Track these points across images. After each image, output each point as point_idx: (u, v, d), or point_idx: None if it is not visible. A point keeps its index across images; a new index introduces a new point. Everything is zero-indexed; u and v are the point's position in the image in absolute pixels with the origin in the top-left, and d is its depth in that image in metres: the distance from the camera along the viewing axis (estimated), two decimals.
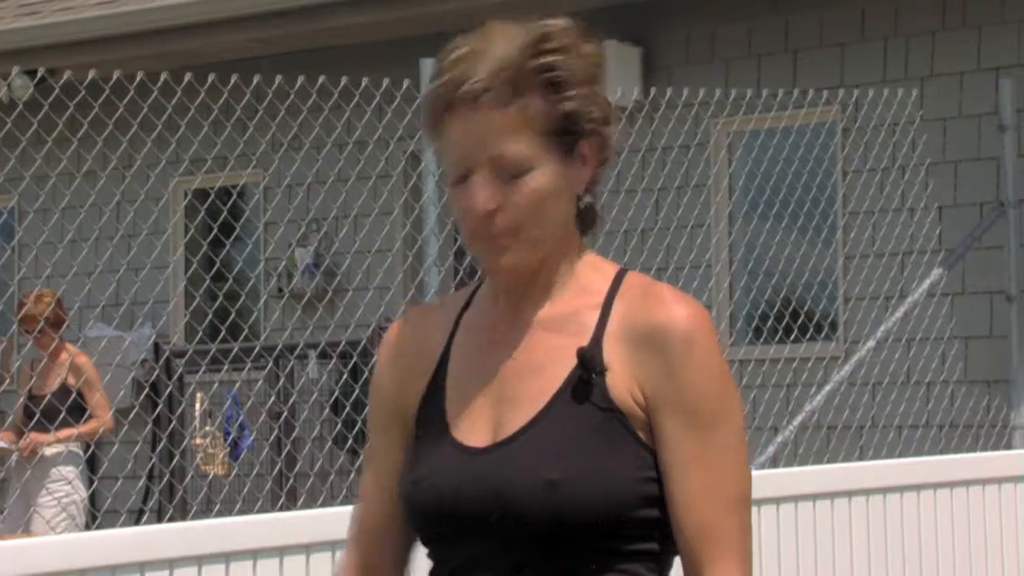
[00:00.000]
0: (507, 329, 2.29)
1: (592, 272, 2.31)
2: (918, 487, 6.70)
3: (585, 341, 2.24)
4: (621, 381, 2.24)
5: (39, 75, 9.96)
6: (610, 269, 2.32)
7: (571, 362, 2.23)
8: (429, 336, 2.34)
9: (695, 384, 2.23)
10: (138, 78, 6.68)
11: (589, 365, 2.23)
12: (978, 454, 7.80)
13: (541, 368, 2.25)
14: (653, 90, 8.59)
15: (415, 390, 2.31)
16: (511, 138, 2.25)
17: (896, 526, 6.57)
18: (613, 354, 2.24)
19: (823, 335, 9.09)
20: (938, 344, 8.54)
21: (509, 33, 2.33)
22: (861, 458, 8.32)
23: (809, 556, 6.18)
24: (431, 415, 2.28)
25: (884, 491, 6.56)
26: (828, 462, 8.15)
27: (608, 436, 2.21)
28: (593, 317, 2.26)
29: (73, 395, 7.94)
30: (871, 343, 7.93)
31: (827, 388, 7.67)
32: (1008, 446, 8.10)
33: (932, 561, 6.71)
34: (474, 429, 2.24)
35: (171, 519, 7.30)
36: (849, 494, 6.38)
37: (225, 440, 9.27)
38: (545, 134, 2.25)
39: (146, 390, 8.06)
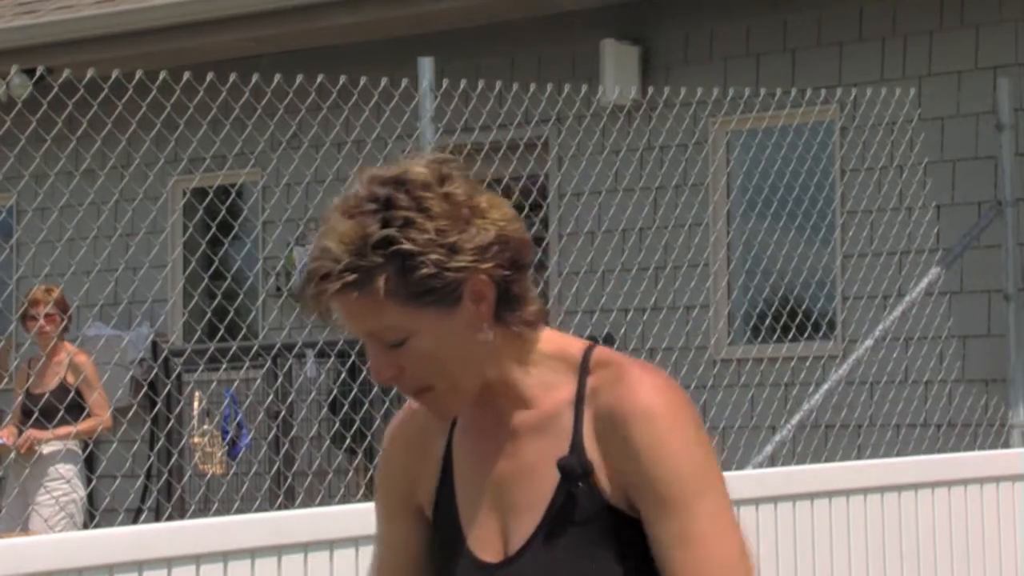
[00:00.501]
0: (497, 435, 2.29)
1: (556, 364, 2.27)
2: (916, 486, 6.71)
3: (566, 444, 2.22)
4: (606, 476, 2.22)
5: (37, 74, 9.98)
6: (575, 352, 2.27)
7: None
8: (432, 437, 2.35)
9: (658, 465, 2.19)
10: (136, 77, 6.68)
11: (571, 476, 2.21)
12: (976, 453, 7.80)
13: (534, 472, 2.24)
14: (651, 89, 8.59)
15: (426, 490, 2.33)
16: (377, 316, 2.21)
17: (894, 525, 6.57)
18: (593, 450, 2.22)
19: (821, 334, 9.10)
20: (936, 343, 8.54)
21: (349, 212, 2.21)
22: (859, 457, 8.32)
23: (807, 555, 6.18)
24: (446, 522, 2.30)
25: (882, 490, 6.56)
26: (826, 461, 8.15)
27: (596, 548, 2.20)
28: (569, 416, 2.24)
29: (71, 394, 7.95)
30: (869, 342, 7.93)
31: (825, 387, 7.67)
32: (1006, 445, 8.10)
33: (930, 560, 6.71)
34: (486, 541, 2.25)
35: (169, 518, 7.30)
36: (847, 493, 6.38)
37: (223, 439, 9.27)
38: (410, 300, 2.20)
39: (144, 389, 8.06)
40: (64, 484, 8.50)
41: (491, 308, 2.21)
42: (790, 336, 8.58)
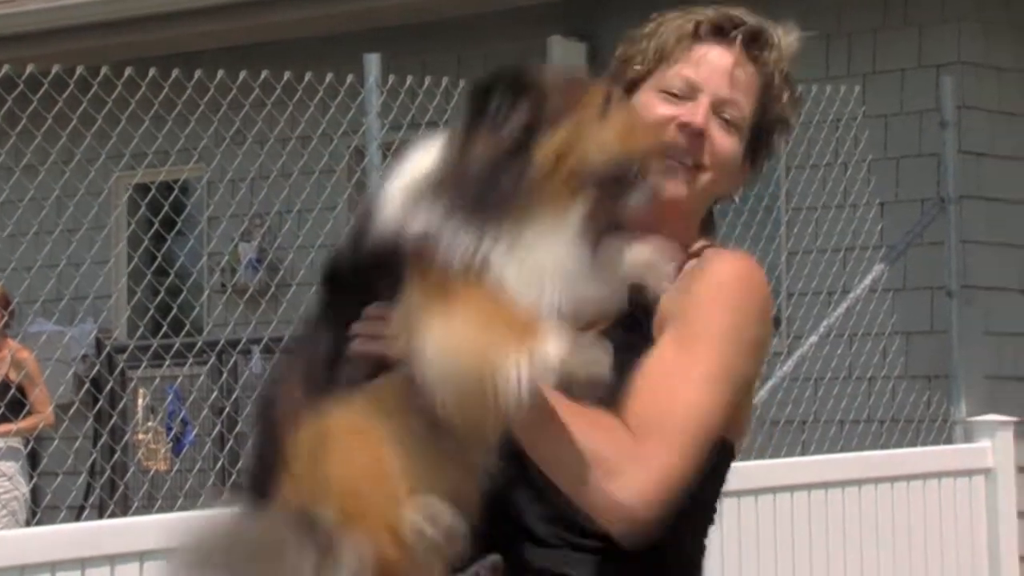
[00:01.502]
0: None
1: (695, 242, 2.44)
2: (860, 482, 6.74)
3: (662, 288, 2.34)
4: (662, 313, 2.35)
5: None
6: (706, 244, 2.45)
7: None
8: None
9: (700, 298, 2.32)
10: (78, 72, 6.63)
11: (636, 306, 2.31)
12: (920, 449, 7.85)
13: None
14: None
15: None
16: (747, 96, 2.42)
17: (838, 521, 6.60)
18: (666, 299, 2.35)
19: None
20: (880, 339, 8.58)
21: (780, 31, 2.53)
22: (804, 453, 8.36)
23: (751, 551, 6.20)
24: None
25: (827, 486, 6.59)
26: (771, 457, 8.18)
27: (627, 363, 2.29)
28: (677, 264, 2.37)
29: (12, 390, 7.88)
30: (814, 338, 7.96)
31: (770, 383, 7.69)
32: (948, 440, 8.15)
33: (873, 555, 6.74)
34: None
35: (112, 515, 7.25)
36: (791, 489, 6.40)
37: (167, 435, 9.22)
38: (754, 123, 2.43)
39: (87, 385, 8.00)
40: (6, 481, 8.44)
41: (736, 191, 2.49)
42: None
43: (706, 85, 2.41)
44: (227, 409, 7.82)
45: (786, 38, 2.51)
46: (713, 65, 2.42)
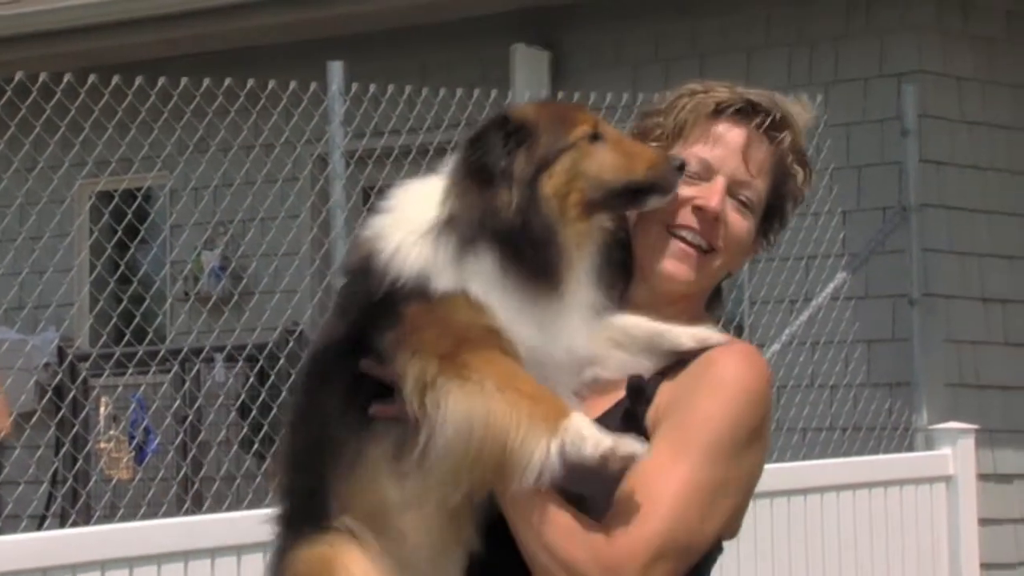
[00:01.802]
0: None
1: (701, 322, 2.40)
2: (823, 489, 6.77)
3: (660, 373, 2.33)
4: (657, 408, 2.32)
5: None
6: (720, 337, 2.40)
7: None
8: None
9: (695, 407, 2.28)
10: (41, 79, 6.61)
11: (632, 395, 2.31)
12: (882, 456, 7.88)
13: (620, 384, 2.34)
14: (561, 94, 8.61)
15: None
16: (761, 177, 2.41)
17: (800, 528, 6.62)
18: (666, 390, 2.32)
19: None
20: (842, 347, 8.62)
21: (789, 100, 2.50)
22: (766, 461, 8.37)
23: None
24: None
25: (789, 493, 6.61)
26: None
27: None
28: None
29: None
30: (776, 346, 7.99)
31: None
32: (910, 448, 8.19)
33: (835, 563, 6.77)
34: None
35: (74, 524, 7.22)
36: (754, 497, 6.41)
37: (130, 444, 9.19)
38: (768, 202, 2.43)
39: (49, 394, 7.97)
40: None
41: (738, 263, 2.48)
42: None
43: (722, 166, 2.39)
44: (190, 418, 7.80)
45: (803, 115, 2.48)
46: (730, 146, 2.40)
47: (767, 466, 2.49)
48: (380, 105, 7.77)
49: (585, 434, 2.15)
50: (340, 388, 2.30)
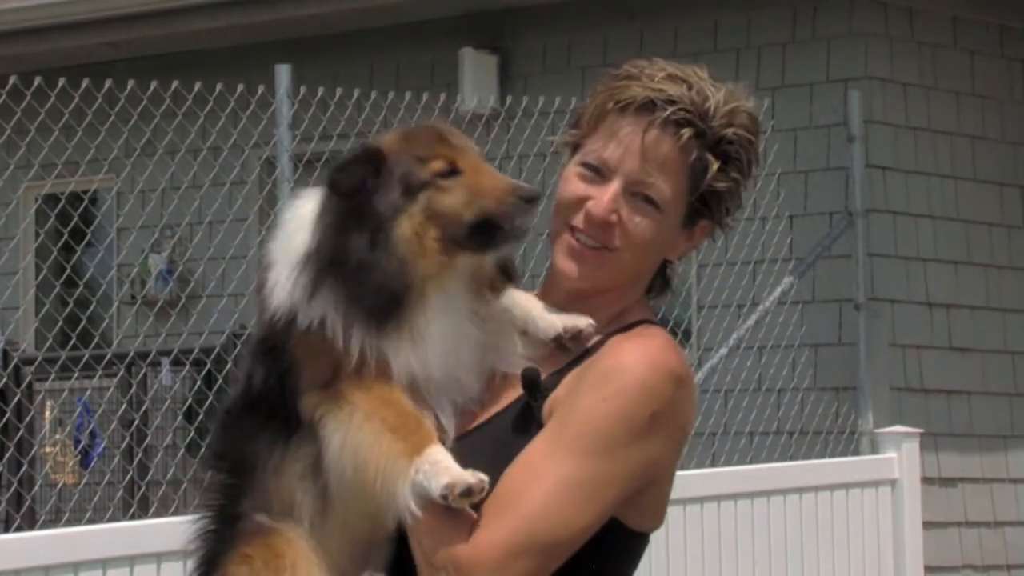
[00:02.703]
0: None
1: (627, 316, 2.38)
2: (769, 493, 6.79)
3: (560, 364, 2.32)
4: (554, 399, 2.31)
5: None
6: (639, 316, 2.38)
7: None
8: None
9: (581, 399, 2.27)
10: None
11: (528, 387, 2.31)
12: (827, 460, 7.92)
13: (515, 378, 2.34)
14: (509, 98, 8.62)
15: None
16: (665, 176, 2.34)
17: (747, 531, 6.65)
18: (568, 380, 2.32)
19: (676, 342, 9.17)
20: (789, 351, 8.66)
21: (719, 87, 2.38)
22: (713, 464, 8.41)
23: (661, 561, 6.23)
24: None
25: (736, 497, 6.64)
26: (681, 469, 8.22)
27: (512, 449, 2.29)
28: (587, 345, 2.34)
29: None
30: (724, 350, 8.02)
31: None
32: (856, 452, 8.24)
33: (782, 566, 6.80)
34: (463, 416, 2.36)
35: (19, 529, 7.18)
36: (702, 500, 6.44)
37: (75, 448, 9.14)
38: (688, 195, 2.35)
39: None
40: None
41: (686, 250, 2.41)
42: None
43: (620, 167, 2.35)
44: (136, 422, 7.76)
45: (734, 103, 2.39)
46: (629, 147, 2.34)
47: (716, 470, 2.49)
48: (328, 108, 7.76)
49: (434, 471, 2.22)
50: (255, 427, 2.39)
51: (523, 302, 2.37)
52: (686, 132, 2.33)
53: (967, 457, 8.88)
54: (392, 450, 2.23)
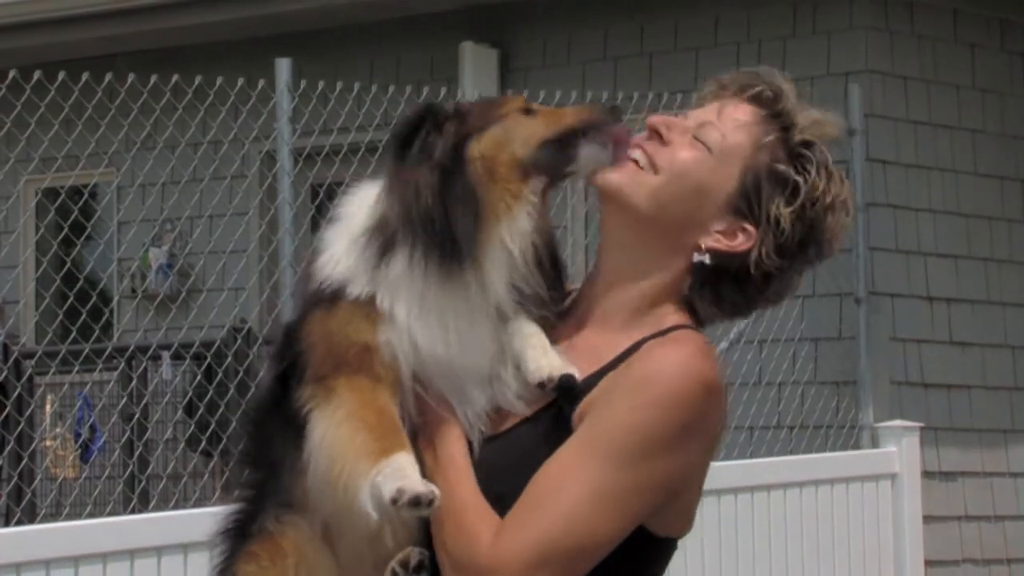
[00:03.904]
0: (575, 322, 2.36)
1: (663, 318, 2.34)
2: (769, 487, 6.80)
3: (595, 368, 2.29)
4: (586, 403, 2.28)
5: None
6: (673, 320, 2.34)
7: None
8: None
9: (614, 406, 2.24)
10: None
11: (563, 393, 2.28)
12: (827, 454, 7.92)
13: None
14: (510, 92, 8.62)
15: None
16: (735, 130, 2.35)
17: (747, 525, 6.65)
18: (605, 381, 2.28)
19: None
20: (789, 345, 8.66)
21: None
22: (714, 459, 8.41)
23: None
24: None
25: (736, 491, 6.64)
26: None
27: (542, 454, 2.26)
28: (615, 353, 2.30)
29: None
30: (724, 344, 8.01)
31: None
32: (856, 446, 8.24)
33: (782, 558, 6.80)
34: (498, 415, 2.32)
35: (19, 523, 7.19)
36: (702, 494, 6.44)
37: (76, 442, 9.14)
38: (745, 173, 2.33)
39: None
40: None
41: (724, 247, 2.35)
42: None
43: (696, 115, 2.40)
44: (136, 415, 7.77)
45: (802, 112, 2.44)
46: (712, 105, 2.42)
47: (715, 465, 2.47)
48: (328, 102, 7.75)
49: (392, 475, 2.21)
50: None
51: (524, 334, 2.30)
52: (768, 114, 2.37)
53: (967, 451, 8.88)
54: (362, 450, 2.22)
